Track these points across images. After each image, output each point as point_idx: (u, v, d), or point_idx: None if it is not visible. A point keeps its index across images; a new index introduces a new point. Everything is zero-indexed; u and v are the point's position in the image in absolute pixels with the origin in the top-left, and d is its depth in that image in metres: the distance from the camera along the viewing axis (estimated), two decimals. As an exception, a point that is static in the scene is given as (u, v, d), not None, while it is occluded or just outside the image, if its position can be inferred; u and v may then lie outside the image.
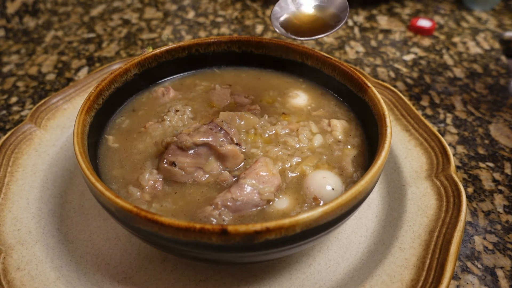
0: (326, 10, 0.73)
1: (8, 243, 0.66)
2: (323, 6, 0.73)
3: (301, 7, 0.74)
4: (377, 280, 0.62)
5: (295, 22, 0.72)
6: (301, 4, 0.74)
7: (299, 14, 0.73)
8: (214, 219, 0.57)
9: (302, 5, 0.74)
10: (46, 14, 1.55)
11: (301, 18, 0.73)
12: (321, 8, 0.73)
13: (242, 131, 0.72)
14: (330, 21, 0.71)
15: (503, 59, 1.28)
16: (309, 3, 0.74)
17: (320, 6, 0.74)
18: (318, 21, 0.72)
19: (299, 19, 0.73)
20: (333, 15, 0.72)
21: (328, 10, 0.73)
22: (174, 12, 1.59)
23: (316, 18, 0.73)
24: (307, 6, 0.74)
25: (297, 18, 0.73)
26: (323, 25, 0.71)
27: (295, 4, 0.74)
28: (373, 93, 0.70)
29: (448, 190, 0.72)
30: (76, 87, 0.96)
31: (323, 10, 0.73)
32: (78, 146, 0.60)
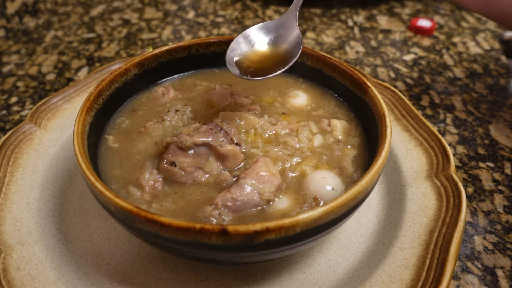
0: (280, 46, 0.74)
1: (8, 243, 0.66)
2: (276, 43, 0.74)
3: (254, 45, 0.74)
4: (377, 280, 0.62)
5: (249, 61, 0.73)
6: (254, 43, 0.74)
7: (252, 53, 0.74)
8: (214, 219, 0.57)
9: (255, 43, 0.74)
10: (46, 14, 1.55)
11: (254, 57, 0.73)
12: (275, 45, 0.74)
13: (242, 131, 0.72)
14: (284, 57, 0.72)
15: (503, 59, 1.28)
16: (262, 41, 0.75)
17: (273, 43, 0.74)
18: (272, 58, 0.73)
19: (253, 58, 0.73)
20: (286, 51, 0.72)
21: (281, 47, 0.73)
22: (174, 12, 1.59)
23: (269, 55, 0.73)
24: (260, 44, 0.75)
25: (250, 57, 0.73)
26: (277, 62, 0.71)
27: (248, 43, 0.74)
28: (373, 93, 0.70)
29: (448, 190, 0.72)
30: (76, 87, 0.96)
31: (276, 47, 0.74)
32: (78, 146, 0.60)
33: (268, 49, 0.74)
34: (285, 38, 0.75)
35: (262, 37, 0.76)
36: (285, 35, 0.75)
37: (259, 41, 0.75)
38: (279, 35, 0.76)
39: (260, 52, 0.74)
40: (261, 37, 0.75)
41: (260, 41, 0.75)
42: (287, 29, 0.76)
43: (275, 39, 0.75)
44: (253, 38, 0.75)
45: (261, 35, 0.76)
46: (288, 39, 0.74)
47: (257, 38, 0.75)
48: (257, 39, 0.75)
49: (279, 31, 0.76)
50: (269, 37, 0.76)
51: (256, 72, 0.71)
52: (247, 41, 0.74)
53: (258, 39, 0.75)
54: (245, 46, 0.74)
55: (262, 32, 0.76)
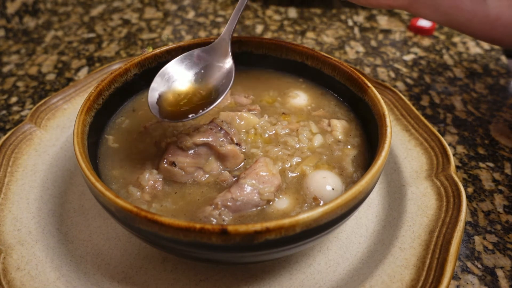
0: (207, 81, 0.66)
1: (8, 243, 0.66)
2: (204, 76, 0.66)
3: (174, 83, 0.65)
4: (377, 280, 0.62)
5: (171, 99, 0.64)
6: (174, 80, 0.66)
7: (174, 92, 0.65)
8: (214, 219, 0.57)
9: (176, 80, 0.66)
10: (46, 14, 1.55)
11: (177, 96, 0.65)
12: (201, 79, 0.66)
13: (242, 131, 0.72)
14: (211, 95, 0.64)
15: (503, 59, 1.28)
16: (185, 77, 0.66)
17: (198, 79, 0.66)
18: (196, 96, 0.65)
19: (175, 97, 0.65)
20: (213, 88, 0.65)
21: (208, 82, 0.65)
22: (174, 12, 1.59)
23: (193, 92, 0.66)
24: (181, 82, 0.66)
25: (173, 96, 0.65)
26: (203, 99, 0.64)
27: (169, 81, 0.65)
28: (373, 93, 0.70)
29: (448, 190, 0.72)
30: (76, 87, 0.96)
31: (202, 82, 0.66)
32: (78, 146, 0.60)
33: (191, 86, 0.65)
34: (214, 70, 0.67)
35: (185, 72, 0.67)
36: (215, 65, 0.67)
37: (181, 78, 0.66)
38: (209, 65, 0.68)
39: (181, 91, 0.65)
40: (183, 72, 0.67)
41: (182, 78, 0.66)
42: (219, 56, 0.68)
43: (204, 71, 0.67)
44: (174, 74, 0.67)
45: (183, 69, 0.67)
46: (217, 71, 0.66)
47: (178, 74, 0.67)
48: (179, 74, 0.67)
49: (208, 60, 0.68)
50: (194, 70, 0.67)
51: (177, 113, 0.63)
52: (167, 79, 0.66)
53: (180, 74, 0.67)
54: (165, 84, 0.65)
55: (186, 64, 0.68)
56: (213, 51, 0.71)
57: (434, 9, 0.85)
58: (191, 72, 0.68)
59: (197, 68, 0.69)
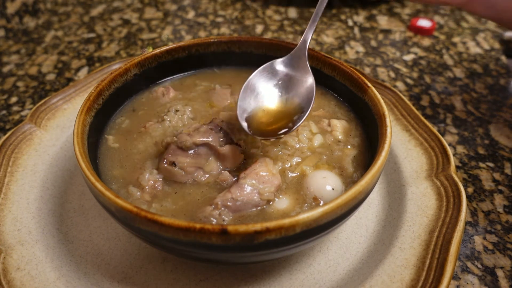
0: (290, 102, 0.69)
1: (8, 243, 0.66)
2: (287, 98, 0.69)
3: (263, 102, 0.69)
4: (377, 280, 0.62)
5: (259, 117, 0.68)
6: (263, 99, 0.69)
7: (262, 110, 0.69)
8: (214, 219, 0.57)
9: (264, 100, 0.69)
10: (46, 14, 1.55)
11: (264, 114, 0.69)
12: (285, 100, 0.69)
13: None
14: (294, 113, 0.67)
15: (503, 59, 1.28)
16: (272, 96, 0.70)
17: (283, 98, 0.69)
18: (281, 114, 0.68)
19: (262, 115, 0.68)
20: (297, 106, 0.68)
21: (293, 102, 0.68)
22: (174, 12, 1.59)
23: (279, 111, 0.69)
24: (269, 101, 0.70)
25: (260, 114, 0.68)
26: (286, 118, 0.67)
27: (257, 99, 0.69)
28: (373, 93, 0.70)
29: (448, 190, 0.72)
30: (76, 87, 0.96)
31: (287, 102, 0.69)
32: (78, 146, 0.60)
33: (277, 105, 0.69)
34: (294, 84, 0.69)
35: (267, 85, 0.71)
36: (295, 78, 0.70)
37: (268, 96, 0.70)
38: (289, 78, 0.71)
39: (269, 109, 0.69)
40: (266, 86, 0.71)
41: (269, 97, 0.70)
42: (297, 69, 0.71)
43: (284, 84, 0.70)
44: (257, 88, 0.70)
45: (265, 83, 0.71)
46: (298, 84, 0.69)
47: (261, 88, 0.70)
48: (262, 89, 0.70)
49: (288, 73, 0.71)
50: (275, 83, 0.70)
51: (265, 131, 0.67)
52: (256, 98, 0.69)
53: (263, 89, 0.70)
54: (254, 102, 0.69)
55: (266, 77, 0.71)
56: (291, 63, 0.73)
57: (490, 8, 0.87)
58: (272, 85, 0.72)
59: (277, 81, 0.72)
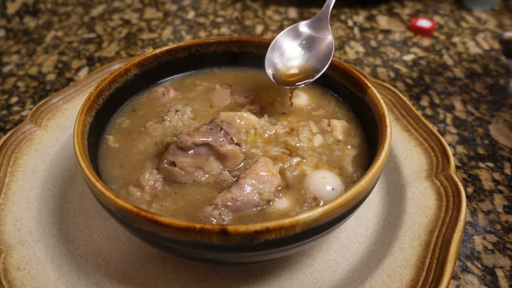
0: (312, 58, 0.79)
1: (9, 243, 0.66)
2: (309, 55, 0.80)
3: (284, 54, 0.80)
4: (377, 280, 0.62)
5: (283, 70, 0.79)
6: (284, 51, 0.80)
7: (285, 64, 0.80)
8: (214, 219, 0.57)
9: (285, 52, 0.81)
10: (47, 14, 1.55)
11: (287, 68, 0.80)
12: (307, 57, 0.80)
13: (242, 131, 0.72)
14: (313, 69, 0.78)
15: (503, 59, 1.28)
16: (292, 49, 0.81)
17: (305, 55, 0.80)
18: (302, 68, 0.79)
19: (286, 69, 0.80)
20: (316, 62, 0.78)
21: (313, 58, 0.79)
22: (174, 12, 1.59)
23: (300, 66, 0.80)
24: (290, 53, 0.81)
25: (284, 68, 0.80)
26: (306, 72, 0.78)
27: (282, 55, 0.80)
28: (373, 93, 0.70)
29: (448, 190, 0.72)
30: (76, 87, 0.96)
31: (308, 58, 0.80)
32: (78, 146, 0.60)
33: (299, 57, 0.80)
34: (316, 42, 0.80)
35: (292, 43, 0.81)
36: (316, 39, 0.80)
37: (289, 49, 0.81)
38: (312, 39, 0.81)
39: (291, 64, 0.80)
40: (291, 44, 0.81)
41: (291, 49, 0.81)
42: (319, 29, 0.81)
43: (307, 43, 0.81)
44: (283, 46, 0.81)
45: (290, 41, 0.81)
46: (319, 43, 0.80)
47: (287, 46, 0.81)
48: (287, 46, 0.81)
49: (311, 33, 0.81)
50: (299, 41, 0.81)
51: (286, 81, 0.77)
52: (279, 51, 0.80)
53: (288, 46, 0.81)
54: (278, 56, 0.80)
55: (292, 36, 0.81)
56: (314, 25, 0.82)
57: None
58: (297, 43, 0.81)
59: (301, 40, 0.82)
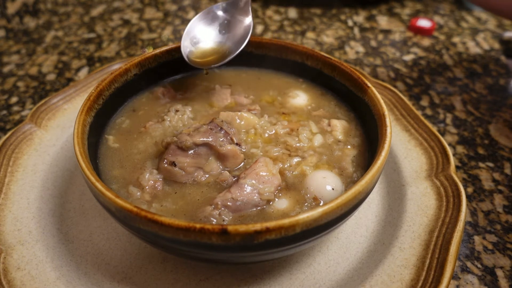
0: (228, 36, 0.81)
1: (9, 243, 0.66)
2: (226, 37, 0.81)
3: (200, 39, 0.82)
4: (377, 280, 0.62)
5: (198, 53, 0.81)
6: (199, 36, 0.82)
7: (199, 48, 0.81)
8: (214, 219, 0.58)
9: (201, 36, 0.82)
10: (47, 14, 1.55)
11: (201, 53, 0.81)
12: (223, 34, 0.82)
13: (242, 131, 0.72)
14: (229, 50, 0.79)
15: (503, 59, 1.28)
16: (208, 32, 0.82)
17: (221, 37, 0.82)
18: (217, 51, 0.81)
19: (200, 53, 0.81)
20: (229, 48, 0.80)
21: (228, 41, 0.81)
22: (174, 12, 1.59)
23: (214, 49, 0.81)
24: (205, 40, 0.82)
25: (199, 51, 0.81)
26: (220, 53, 0.80)
27: (195, 37, 0.81)
28: (373, 93, 0.70)
29: (448, 190, 0.72)
30: (76, 87, 0.96)
31: (224, 41, 0.81)
32: (78, 146, 0.60)
33: (215, 39, 0.81)
34: (234, 24, 0.80)
35: (208, 27, 0.82)
36: (235, 19, 0.80)
37: (205, 33, 0.81)
38: (230, 20, 0.81)
39: (206, 47, 0.81)
40: (206, 29, 0.82)
41: (207, 32, 0.81)
42: (239, 11, 0.81)
43: (225, 25, 0.81)
44: (198, 32, 0.81)
45: (205, 25, 0.82)
46: (237, 25, 0.80)
47: (202, 32, 0.81)
48: (203, 32, 0.81)
49: (229, 15, 0.81)
50: (217, 24, 0.81)
51: (199, 63, 0.78)
52: (193, 36, 0.81)
53: (204, 31, 0.81)
54: (191, 40, 0.81)
55: (208, 20, 0.82)
56: (233, 6, 0.82)
57: None
58: (214, 26, 0.82)
59: (219, 22, 0.82)
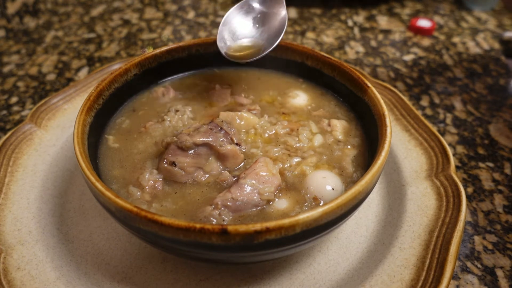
0: (263, 34, 0.81)
1: (9, 243, 0.66)
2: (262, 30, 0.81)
3: (238, 37, 0.82)
4: (377, 280, 0.62)
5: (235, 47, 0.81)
6: (236, 28, 0.81)
7: (235, 43, 0.81)
8: (214, 219, 0.58)
9: (237, 29, 0.82)
10: (47, 14, 1.55)
11: (236, 46, 0.81)
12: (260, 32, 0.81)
13: (242, 131, 0.72)
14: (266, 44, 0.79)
15: (503, 59, 1.28)
16: (244, 24, 0.82)
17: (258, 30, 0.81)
18: (254, 45, 0.80)
19: (235, 46, 0.81)
20: (269, 37, 0.79)
21: (265, 34, 0.80)
22: (174, 12, 1.59)
23: (252, 42, 0.81)
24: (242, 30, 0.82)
25: (233, 46, 0.81)
26: (258, 48, 0.80)
27: (235, 32, 0.81)
28: (373, 93, 0.70)
29: (448, 190, 0.72)
30: (76, 87, 0.96)
31: (261, 34, 0.81)
32: (78, 146, 0.60)
33: (251, 33, 0.81)
34: (269, 17, 0.80)
35: (244, 20, 0.81)
36: (269, 15, 0.80)
37: (241, 26, 0.81)
38: (264, 14, 0.81)
39: (241, 42, 0.81)
40: (242, 21, 0.81)
41: (243, 27, 0.81)
42: (273, 4, 0.80)
43: (259, 21, 0.81)
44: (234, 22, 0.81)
45: (242, 17, 0.82)
46: (272, 18, 0.80)
47: (238, 22, 0.81)
48: (239, 24, 0.81)
49: (264, 10, 0.81)
50: (252, 17, 0.81)
51: (237, 56, 0.79)
52: (230, 27, 0.81)
53: (240, 24, 0.81)
54: (228, 34, 0.81)
55: (244, 12, 0.82)
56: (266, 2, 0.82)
57: None
58: (249, 19, 0.82)
59: (253, 16, 0.82)
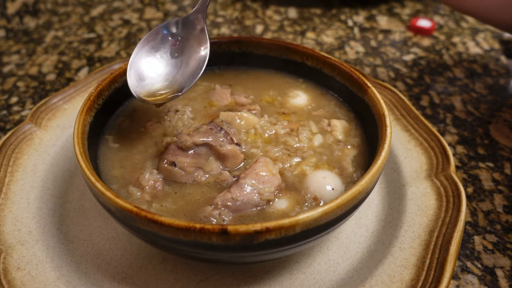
0: (182, 71, 0.72)
1: (9, 243, 0.66)
2: (181, 66, 0.72)
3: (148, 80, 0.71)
4: (377, 280, 0.62)
5: (151, 85, 0.71)
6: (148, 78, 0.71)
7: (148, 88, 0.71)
8: (214, 219, 0.58)
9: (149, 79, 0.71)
10: (47, 14, 1.55)
11: (152, 91, 0.71)
12: (178, 68, 0.72)
13: (242, 131, 0.72)
14: (184, 82, 0.71)
15: (503, 59, 1.28)
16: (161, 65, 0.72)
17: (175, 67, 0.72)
18: (172, 82, 0.71)
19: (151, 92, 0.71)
20: (181, 83, 0.71)
21: (185, 71, 0.71)
22: (174, 12, 1.59)
23: (165, 86, 0.72)
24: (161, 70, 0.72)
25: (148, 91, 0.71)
26: (178, 86, 0.71)
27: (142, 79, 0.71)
28: (373, 93, 0.70)
29: (448, 190, 0.72)
30: (76, 87, 0.96)
31: (179, 70, 0.72)
32: (78, 146, 0.60)
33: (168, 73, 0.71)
34: (189, 52, 0.71)
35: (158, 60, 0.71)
36: (190, 40, 0.72)
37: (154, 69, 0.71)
38: (184, 39, 0.72)
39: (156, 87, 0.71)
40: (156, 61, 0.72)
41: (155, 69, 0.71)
42: (192, 30, 0.73)
43: (179, 47, 0.72)
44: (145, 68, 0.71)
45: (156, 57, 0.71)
46: (193, 55, 0.71)
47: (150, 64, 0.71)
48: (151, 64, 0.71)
49: (183, 34, 0.73)
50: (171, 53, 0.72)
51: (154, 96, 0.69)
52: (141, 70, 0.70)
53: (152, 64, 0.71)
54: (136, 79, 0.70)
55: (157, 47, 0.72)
56: (187, 26, 0.75)
57: None
58: (164, 53, 0.73)
59: (174, 52, 0.73)
